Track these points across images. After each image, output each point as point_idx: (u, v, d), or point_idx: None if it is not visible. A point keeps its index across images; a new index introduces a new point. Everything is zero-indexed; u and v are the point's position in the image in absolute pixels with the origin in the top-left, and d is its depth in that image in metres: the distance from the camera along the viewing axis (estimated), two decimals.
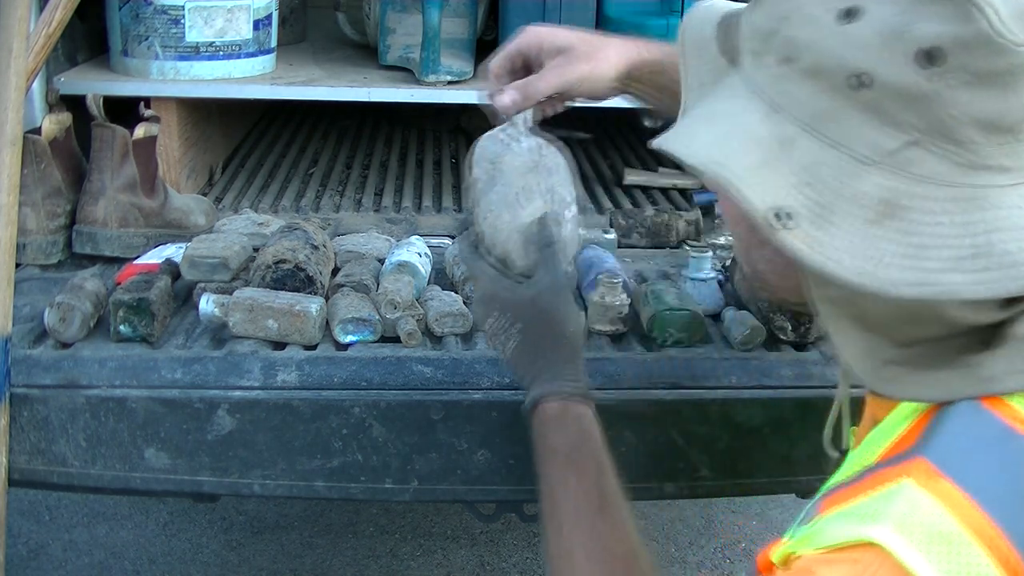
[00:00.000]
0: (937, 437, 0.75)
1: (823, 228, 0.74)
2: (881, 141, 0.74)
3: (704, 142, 0.78)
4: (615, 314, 1.51)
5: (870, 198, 0.74)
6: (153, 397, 1.37)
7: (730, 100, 0.80)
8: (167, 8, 1.96)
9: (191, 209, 1.84)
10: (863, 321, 0.79)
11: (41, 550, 2.56)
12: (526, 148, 1.17)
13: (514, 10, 2.13)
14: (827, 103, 0.76)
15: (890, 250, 0.74)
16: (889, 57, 0.74)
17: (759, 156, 0.76)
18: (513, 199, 1.13)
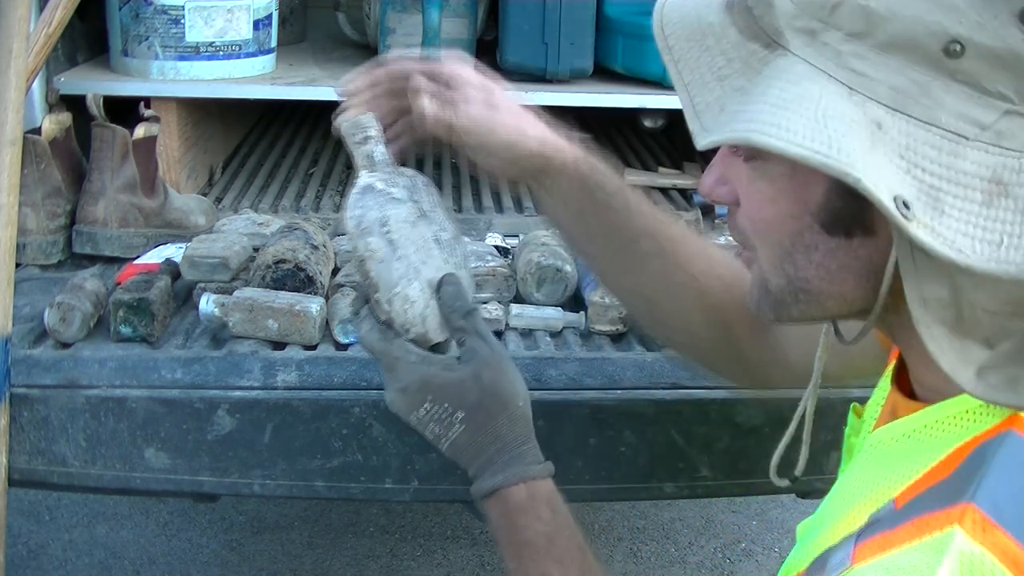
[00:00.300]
0: (987, 480, 0.68)
1: (938, 216, 0.68)
2: (976, 114, 0.68)
3: (798, 129, 0.68)
4: (615, 314, 1.51)
5: (976, 178, 0.68)
6: (153, 397, 1.38)
7: (798, 85, 0.70)
8: (167, 8, 1.96)
9: (191, 209, 1.84)
10: (959, 324, 0.72)
11: (41, 550, 2.56)
12: (405, 193, 0.99)
13: (514, 10, 2.13)
14: (913, 78, 0.69)
15: (1010, 231, 0.68)
16: (991, 18, 0.67)
17: (864, 140, 0.68)
18: (418, 266, 0.97)
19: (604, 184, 1.07)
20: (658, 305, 1.12)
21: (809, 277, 0.78)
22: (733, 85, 0.74)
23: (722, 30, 0.77)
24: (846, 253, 0.76)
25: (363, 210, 0.95)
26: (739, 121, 0.71)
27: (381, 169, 0.98)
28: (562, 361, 1.43)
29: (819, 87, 0.70)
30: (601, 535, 2.70)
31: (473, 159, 1.06)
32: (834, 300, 0.79)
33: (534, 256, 1.61)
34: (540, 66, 2.10)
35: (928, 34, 0.68)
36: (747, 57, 0.75)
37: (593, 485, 1.43)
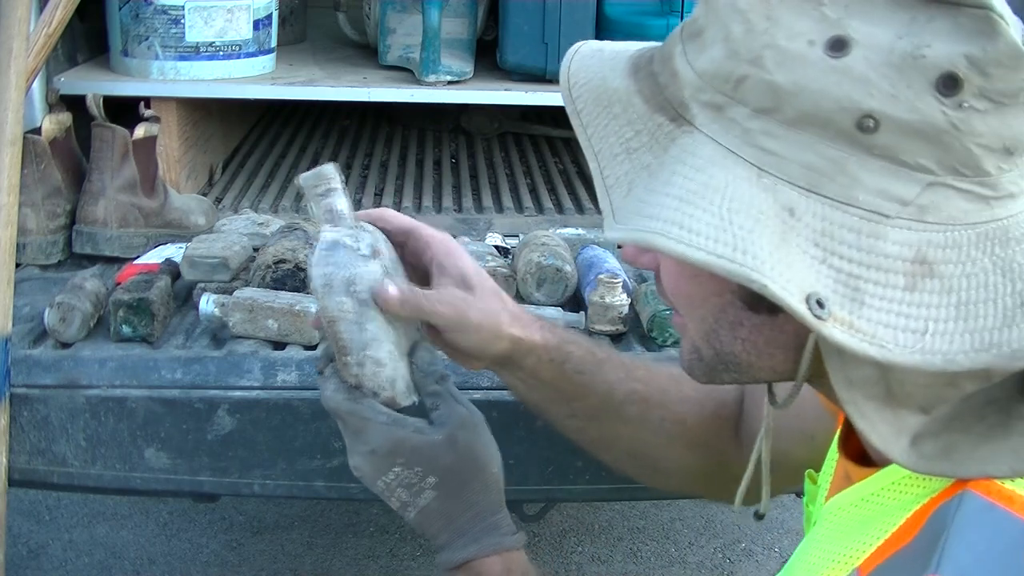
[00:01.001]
0: (949, 547, 0.64)
1: (857, 307, 0.64)
2: (896, 190, 0.64)
3: (700, 229, 0.64)
4: (615, 314, 1.51)
5: (899, 260, 0.64)
6: (153, 397, 1.38)
7: (703, 171, 0.66)
8: (167, 8, 1.96)
9: (191, 209, 1.84)
10: (890, 397, 0.68)
11: (41, 550, 2.56)
12: (370, 250, 0.93)
13: (514, 10, 2.13)
14: (826, 155, 0.64)
15: (935, 315, 0.64)
16: (904, 88, 0.63)
17: (774, 234, 0.64)
18: (386, 327, 0.92)
19: (581, 366, 1.05)
20: (649, 457, 1.11)
21: (736, 352, 0.75)
22: (641, 161, 0.71)
23: (628, 98, 0.73)
24: (771, 329, 0.73)
25: (332, 268, 0.90)
26: (642, 216, 0.67)
27: (345, 224, 0.92)
28: None
29: (725, 172, 0.66)
30: (601, 535, 2.70)
31: (444, 341, 1.00)
32: (764, 371, 0.76)
33: (534, 256, 1.61)
34: (540, 66, 2.10)
35: (839, 109, 0.64)
36: (654, 130, 0.71)
37: (593, 485, 1.43)
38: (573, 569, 2.57)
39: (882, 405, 0.68)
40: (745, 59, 0.66)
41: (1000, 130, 0.64)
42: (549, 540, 2.65)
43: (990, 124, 0.64)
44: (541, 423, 1.40)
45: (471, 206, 2.11)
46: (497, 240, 1.81)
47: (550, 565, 2.58)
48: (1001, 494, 0.66)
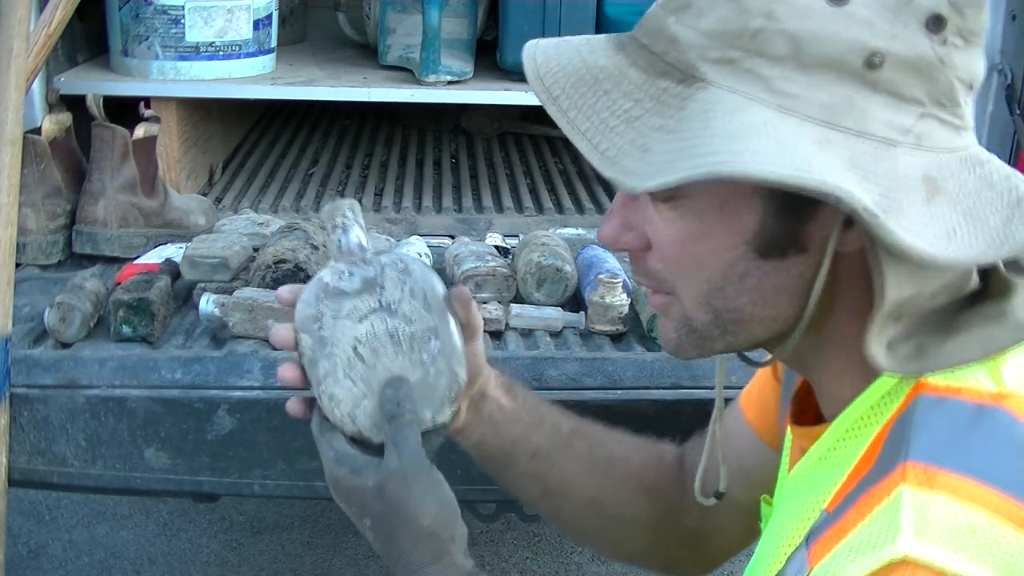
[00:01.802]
0: (915, 438, 0.72)
1: (902, 218, 0.70)
2: (899, 120, 0.72)
3: (764, 155, 0.68)
4: (615, 314, 1.51)
5: (913, 179, 0.72)
6: (153, 397, 1.38)
7: (736, 114, 0.71)
8: (167, 8, 1.96)
9: (191, 209, 1.84)
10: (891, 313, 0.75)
11: (41, 550, 2.56)
12: (359, 285, 0.94)
13: (514, 10, 2.13)
14: (840, 93, 0.71)
15: (953, 222, 0.72)
16: (901, 28, 0.71)
17: (821, 158, 0.70)
18: (352, 363, 0.92)
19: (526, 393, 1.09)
20: (604, 502, 1.12)
21: (741, 306, 0.79)
22: (650, 124, 0.73)
23: (620, 72, 0.76)
24: (779, 274, 0.77)
25: (302, 305, 0.93)
26: (696, 156, 0.70)
27: (344, 259, 0.95)
28: (562, 361, 1.43)
29: (757, 113, 0.71)
30: None
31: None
32: (763, 325, 0.80)
33: (534, 256, 1.61)
34: None
35: (850, 50, 0.71)
36: (658, 95, 0.74)
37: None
38: (573, 569, 2.57)
39: (883, 321, 0.74)
40: (758, 14, 0.72)
41: (969, 65, 0.74)
42: (549, 540, 2.65)
43: (963, 60, 0.73)
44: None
45: (471, 206, 2.11)
46: (497, 240, 1.81)
47: (550, 565, 2.58)
48: (948, 389, 0.74)
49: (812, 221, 0.75)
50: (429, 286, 0.95)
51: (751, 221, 0.76)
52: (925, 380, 0.75)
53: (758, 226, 0.76)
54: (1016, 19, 1.93)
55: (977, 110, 1.02)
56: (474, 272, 1.59)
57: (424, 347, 0.94)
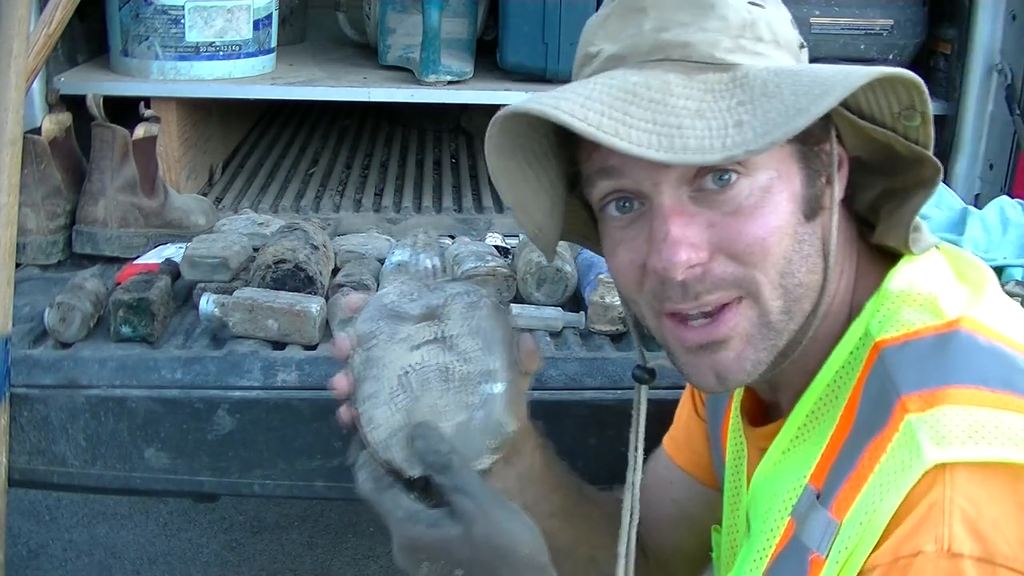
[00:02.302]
0: (898, 376, 0.77)
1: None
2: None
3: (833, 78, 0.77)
4: (615, 314, 1.51)
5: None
6: (153, 397, 1.37)
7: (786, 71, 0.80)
8: (167, 8, 1.96)
9: (191, 209, 1.84)
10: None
11: (41, 550, 2.56)
12: (421, 311, 0.91)
13: (514, 10, 2.13)
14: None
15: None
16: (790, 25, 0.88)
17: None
18: (395, 391, 0.89)
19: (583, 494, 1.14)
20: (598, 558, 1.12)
21: (801, 278, 0.83)
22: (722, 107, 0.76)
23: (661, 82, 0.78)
24: (813, 236, 0.83)
25: (362, 321, 0.90)
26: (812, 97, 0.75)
27: (412, 280, 0.93)
28: (562, 361, 1.43)
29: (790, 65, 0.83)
30: None
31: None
32: (809, 297, 0.84)
33: (534, 256, 1.61)
34: (540, 66, 2.10)
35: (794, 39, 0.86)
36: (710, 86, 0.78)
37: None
38: None
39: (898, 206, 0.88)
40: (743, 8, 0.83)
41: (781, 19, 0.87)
42: None
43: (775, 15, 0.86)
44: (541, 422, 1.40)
45: (471, 206, 2.11)
46: (497, 240, 1.81)
47: None
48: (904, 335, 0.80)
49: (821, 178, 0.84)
50: (494, 326, 0.91)
51: (798, 184, 0.82)
52: (880, 338, 0.81)
53: (802, 188, 0.82)
54: (1016, 19, 1.93)
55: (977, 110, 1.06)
56: (474, 272, 1.59)
57: (475, 389, 0.90)
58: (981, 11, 1.95)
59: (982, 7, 1.94)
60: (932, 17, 2.08)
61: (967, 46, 1.97)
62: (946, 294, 0.83)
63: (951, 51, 2.04)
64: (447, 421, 0.89)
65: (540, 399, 1.40)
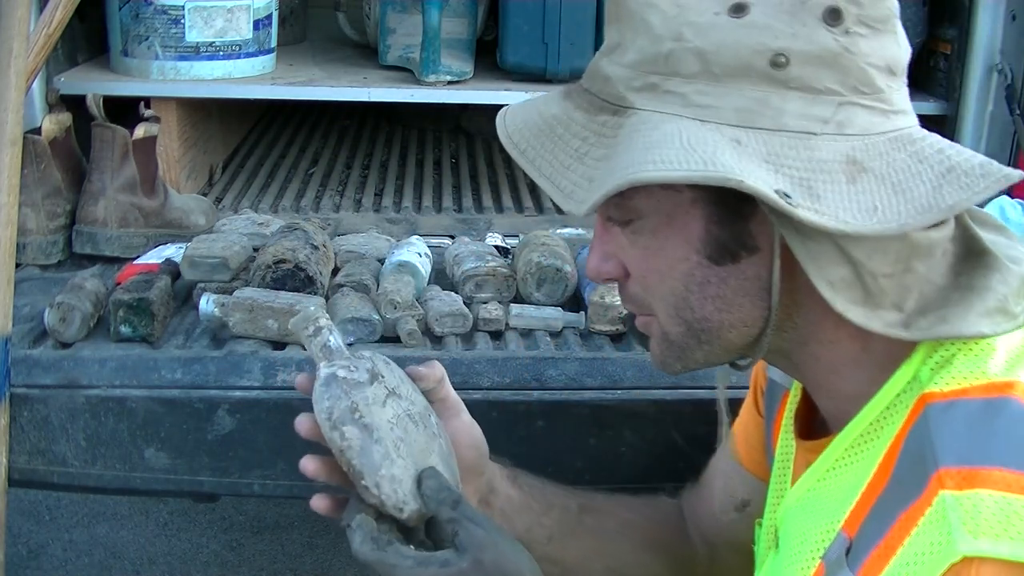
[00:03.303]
0: (938, 446, 0.73)
1: (816, 200, 0.74)
2: (816, 112, 0.76)
3: (671, 159, 0.74)
4: (615, 314, 1.51)
5: (835, 163, 0.76)
6: (153, 397, 1.37)
7: (656, 129, 0.77)
8: (167, 8, 1.96)
9: (191, 209, 1.84)
10: (868, 298, 0.78)
11: (41, 550, 2.56)
12: (367, 376, 0.95)
13: (514, 10, 2.13)
14: (752, 97, 0.76)
15: (879, 197, 0.75)
16: (800, 27, 0.76)
17: (732, 154, 0.74)
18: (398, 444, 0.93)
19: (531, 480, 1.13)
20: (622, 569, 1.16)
21: (708, 315, 0.83)
22: (594, 156, 0.79)
23: (567, 116, 0.83)
24: (737, 277, 0.81)
25: (331, 401, 0.92)
26: (615, 171, 0.75)
27: (339, 357, 0.96)
28: (562, 361, 1.43)
29: (675, 126, 0.76)
30: None
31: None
32: (735, 330, 0.83)
33: (534, 256, 1.61)
34: (540, 66, 2.10)
35: (754, 54, 0.76)
36: (599, 129, 0.80)
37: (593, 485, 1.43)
38: None
39: (868, 310, 0.78)
40: (668, 38, 0.78)
41: (881, 51, 0.77)
42: None
43: (872, 46, 0.77)
44: (541, 422, 1.40)
45: (471, 206, 2.11)
46: (497, 240, 1.81)
47: None
48: (953, 392, 0.76)
49: (753, 220, 0.79)
50: (403, 372, 1.01)
51: (698, 230, 0.80)
52: (929, 391, 0.77)
53: (704, 233, 0.80)
54: (1016, 19, 1.93)
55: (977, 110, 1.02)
56: (474, 272, 1.59)
57: (427, 422, 0.98)
58: (981, 11, 1.95)
59: (982, 7, 1.95)
60: (932, 17, 2.08)
61: (967, 46, 1.97)
62: (1005, 345, 0.79)
63: (951, 51, 2.04)
64: (432, 456, 0.96)
65: (540, 399, 1.40)
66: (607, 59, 0.82)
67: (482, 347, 1.48)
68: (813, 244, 0.76)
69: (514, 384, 1.39)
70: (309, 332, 0.97)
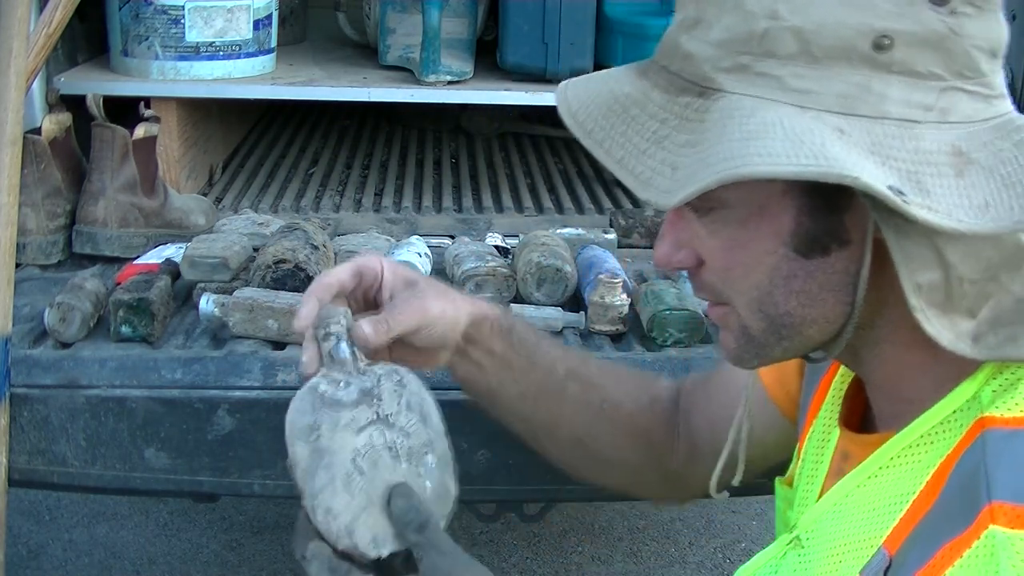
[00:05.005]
0: (994, 478, 0.70)
1: (926, 195, 0.70)
2: (919, 98, 0.72)
3: (778, 151, 0.69)
4: (615, 314, 1.51)
5: (940, 154, 0.71)
6: (153, 397, 1.37)
7: (753, 116, 0.71)
8: (167, 8, 1.96)
9: (191, 209, 1.84)
10: (947, 302, 0.74)
11: (41, 550, 2.56)
12: (355, 396, 0.91)
13: (514, 10, 2.13)
14: (853, 81, 0.71)
15: (988, 193, 0.71)
16: (906, 6, 0.71)
17: (840, 147, 0.69)
18: (351, 475, 0.88)
19: (524, 337, 1.11)
20: (591, 444, 1.15)
21: (791, 309, 0.79)
22: (676, 142, 0.74)
23: (643, 95, 0.78)
24: (824, 272, 0.77)
25: (296, 414, 0.89)
26: (714, 164, 0.70)
27: (339, 368, 0.92)
28: None
29: (774, 113, 0.71)
30: (601, 535, 2.70)
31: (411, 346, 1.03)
32: (816, 325, 0.80)
33: (534, 256, 1.61)
34: (540, 66, 2.10)
35: (856, 35, 0.71)
36: (681, 112, 0.75)
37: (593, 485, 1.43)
38: (573, 569, 2.57)
39: (940, 313, 0.73)
40: (762, 16, 0.73)
41: (986, 33, 0.73)
42: (549, 540, 2.65)
43: (978, 27, 0.72)
44: None
45: (471, 206, 2.11)
46: (497, 240, 1.81)
47: (550, 565, 2.58)
48: (1016, 420, 0.72)
49: (848, 213, 0.75)
50: (423, 399, 0.94)
51: (788, 222, 0.76)
52: (989, 414, 0.73)
53: (795, 226, 0.76)
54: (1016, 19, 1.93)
55: None
56: (474, 272, 1.59)
57: (420, 461, 0.92)
58: None
59: None
60: None
61: None
62: None
63: None
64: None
65: None
66: (687, 35, 0.76)
67: None
68: (909, 243, 0.72)
69: None
70: (320, 335, 0.94)
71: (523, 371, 1.11)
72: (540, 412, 1.14)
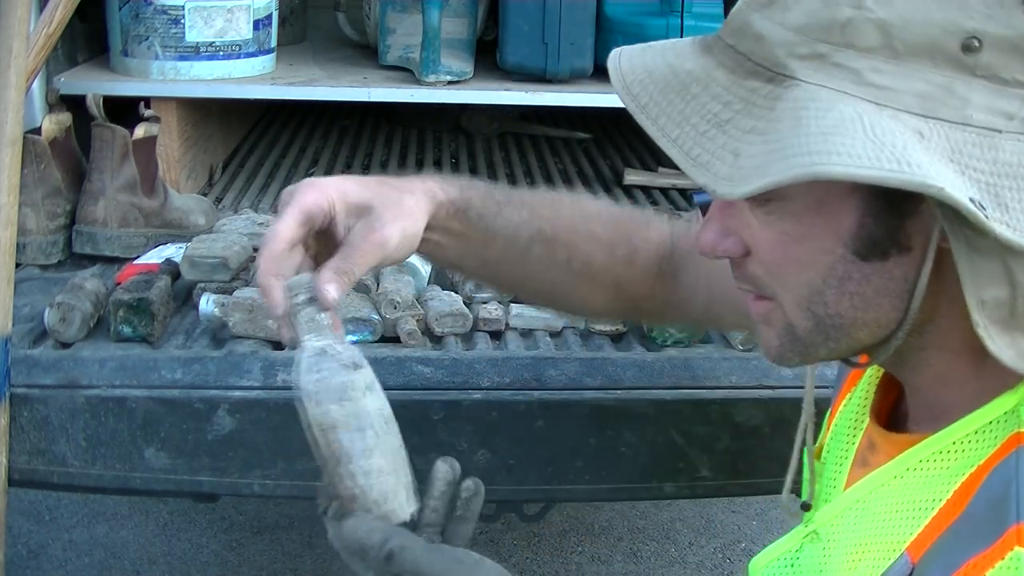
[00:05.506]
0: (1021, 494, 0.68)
1: (1004, 211, 0.67)
2: (1001, 106, 0.68)
3: (859, 152, 0.65)
4: None
5: (1020, 168, 0.68)
6: (153, 397, 1.37)
7: (830, 110, 0.67)
8: (167, 8, 1.96)
9: (191, 209, 1.84)
10: (1011, 319, 0.70)
11: (41, 550, 2.56)
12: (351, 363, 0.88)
13: (514, 10, 2.13)
14: (935, 82, 0.68)
15: None
16: (997, 8, 0.68)
17: (921, 152, 0.66)
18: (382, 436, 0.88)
19: (483, 211, 1.05)
20: (558, 296, 1.16)
21: (842, 311, 0.75)
22: (740, 127, 0.71)
23: (707, 75, 0.74)
24: (881, 276, 0.74)
25: (324, 374, 0.85)
26: (788, 157, 0.66)
27: (328, 334, 0.88)
28: (562, 361, 1.43)
29: (852, 109, 0.67)
30: (601, 535, 2.70)
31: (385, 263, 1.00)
32: (866, 329, 0.76)
33: None
34: (540, 66, 2.10)
35: (944, 34, 0.67)
36: (747, 96, 0.71)
37: (593, 485, 1.43)
38: (573, 569, 2.57)
39: (1003, 330, 0.70)
40: (847, 4, 0.69)
41: None
42: (549, 540, 2.65)
43: None
44: (541, 422, 1.40)
45: None
46: None
47: (550, 565, 2.58)
48: None
49: (913, 218, 0.71)
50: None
51: (849, 222, 0.72)
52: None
53: (856, 227, 0.72)
54: None
55: None
56: None
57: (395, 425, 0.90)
58: None
59: None
60: None
61: None
62: None
63: None
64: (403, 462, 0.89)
65: (540, 399, 1.40)
66: (760, 15, 0.72)
67: (482, 347, 1.48)
68: (980, 258, 0.68)
69: (514, 384, 1.39)
70: (300, 300, 0.89)
71: (482, 244, 1.07)
72: (503, 276, 1.13)
